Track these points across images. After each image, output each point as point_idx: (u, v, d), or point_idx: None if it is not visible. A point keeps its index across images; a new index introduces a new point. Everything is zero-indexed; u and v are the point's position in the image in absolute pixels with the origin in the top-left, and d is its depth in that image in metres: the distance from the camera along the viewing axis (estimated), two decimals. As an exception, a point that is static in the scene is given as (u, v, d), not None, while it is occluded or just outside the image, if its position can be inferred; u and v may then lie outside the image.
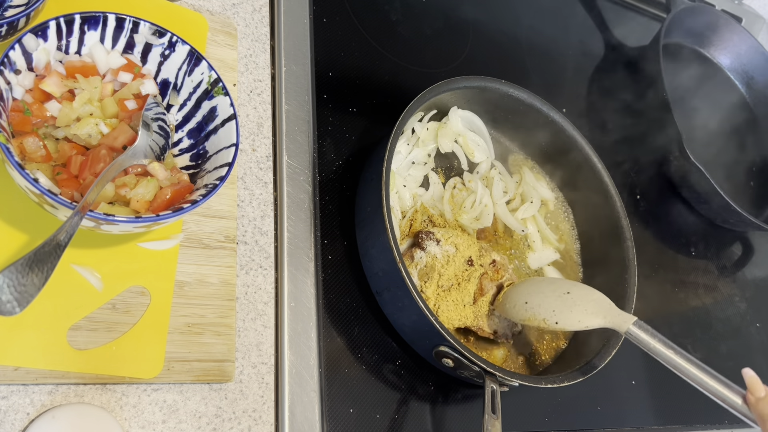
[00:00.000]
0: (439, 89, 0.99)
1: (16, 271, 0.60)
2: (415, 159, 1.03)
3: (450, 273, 0.93)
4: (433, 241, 0.93)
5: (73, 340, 0.69)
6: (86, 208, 0.64)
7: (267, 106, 0.96)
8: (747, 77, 1.59)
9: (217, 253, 0.81)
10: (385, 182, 0.86)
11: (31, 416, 0.67)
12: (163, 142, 0.77)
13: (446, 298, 0.92)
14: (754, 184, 1.49)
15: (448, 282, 0.93)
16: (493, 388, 0.82)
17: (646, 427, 1.11)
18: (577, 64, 1.40)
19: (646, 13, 1.62)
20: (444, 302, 0.92)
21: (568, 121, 1.11)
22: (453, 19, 1.27)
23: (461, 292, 0.93)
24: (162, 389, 0.74)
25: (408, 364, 0.92)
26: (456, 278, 0.94)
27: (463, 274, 0.94)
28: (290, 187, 0.91)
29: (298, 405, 0.80)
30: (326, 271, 0.91)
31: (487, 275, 0.96)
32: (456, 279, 0.94)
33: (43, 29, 0.71)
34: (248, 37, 0.98)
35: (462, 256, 0.94)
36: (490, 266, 0.97)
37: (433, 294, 0.92)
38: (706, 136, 1.40)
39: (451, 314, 0.92)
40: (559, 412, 1.01)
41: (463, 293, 0.94)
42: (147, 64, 0.80)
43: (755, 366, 0.89)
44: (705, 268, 1.36)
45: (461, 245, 0.95)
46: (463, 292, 0.94)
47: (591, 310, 0.88)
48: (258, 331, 0.83)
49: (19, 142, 0.69)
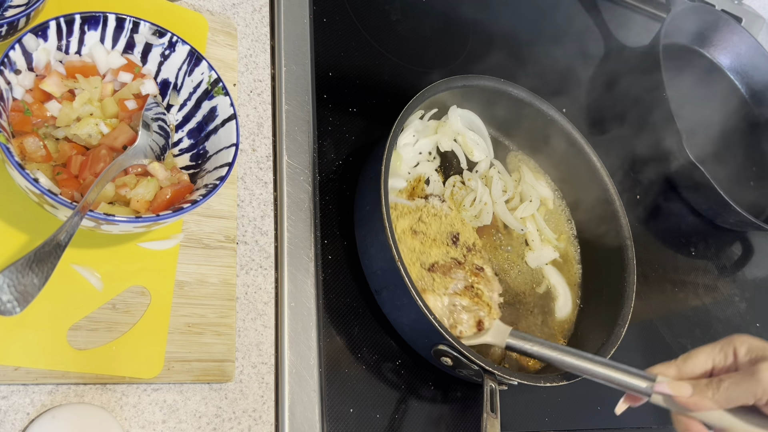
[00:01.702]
0: (437, 88, 0.99)
1: (16, 271, 0.60)
2: (421, 149, 1.04)
3: (432, 228, 0.91)
4: (438, 198, 0.93)
5: (73, 340, 0.69)
6: (86, 208, 0.64)
7: (267, 106, 0.96)
8: (747, 77, 1.59)
9: (217, 253, 0.81)
10: (384, 181, 0.86)
11: (31, 416, 0.67)
12: (163, 142, 0.77)
13: (411, 248, 0.91)
14: (754, 184, 1.49)
15: (421, 245, 0.91)
16: (492, 386, 0.82)
17: (646, 427, 1.11)
18: (577, 64, 1.40)
19: (646, 13, 1.62)
20: (409, 250, 0.90)
21: (568, 121, 1.12)
22: (453, 19, 1.27)
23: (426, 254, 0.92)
24: (162, 389, 0.74)
25: (408, 364, 0.92)
26: (431, 243, 0.92)
27: (441, 246, 0.92)
28: (290, 187, 0.91)
29: (298, 405, 0.80)
30: (326, 270, 0.91)
31: (468, 284, 0.92)
32: (430, 244, 0.92)
33: (43, 29, 0.71)
34: (248, 37, 0.98)
35: (451, 224, 0.93)
36: (473, 267, 0.94)
37: (403, 234, 0.90)
38: (706, 136, 1.39)
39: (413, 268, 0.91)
40: (559, 412, 1.01)
41: (426, 255, 0.92)
42: (147, 64, 0.80)
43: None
44: (705, 268, 1.36)
45: (457, 222, 0.94)
46: (428, 254, 0.92)
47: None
48: (258, 331, 0.83)
49: (19, 142, 0.69)
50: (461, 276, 0.91)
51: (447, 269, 0.92)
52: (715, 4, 1.65)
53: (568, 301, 1.07)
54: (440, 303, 0.88)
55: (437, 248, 0.92)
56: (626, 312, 1.00)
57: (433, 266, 0.91)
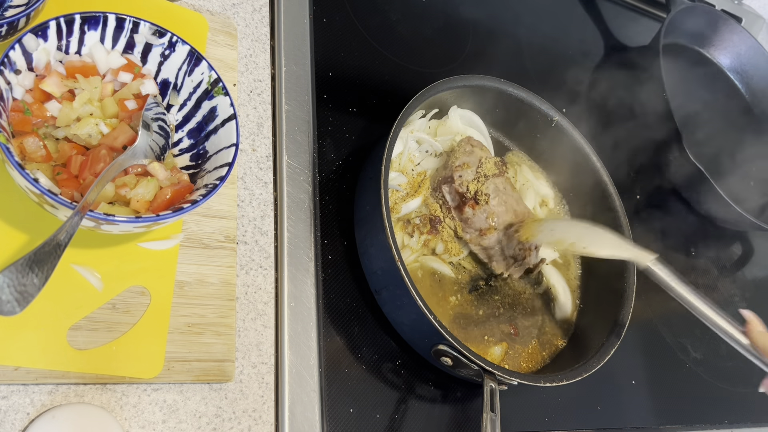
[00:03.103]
0: (437, 88, 0.99)
1: (16, 271, 0.60)
2: (424, 149, 1.05)
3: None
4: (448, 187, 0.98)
5: (73, 340, 0.69)
6: (86, 208, 0.64)
7: (267, 106, 0.96)
8: (747, 77, 1.59)
9: (217, 253, 0.81)
10: (384, 181, 0.86)
11: (31, 416, 0.67)
12: (163, 142, 0.77)
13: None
14: (754, 184, 1.49)
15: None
16: (491, 386, 0.82)
17: (646, 427, 1.11)
18: (577, 64, 1.40)
19: (646, 13, 1.62)
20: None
21: (567, 121, 1.12)
22: (453, 19, 1.27)
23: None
24: (162, 389, 0.74)
25: (408, 364, 0.92)
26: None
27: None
28: (290, 187, 0.91)
29: (298, 405, 0.80)
30: (326, 270, 0.91)
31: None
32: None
33: (43, 29, 0.71)
34: (248, 37, 0.98)
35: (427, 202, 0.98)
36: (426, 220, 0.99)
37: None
38: (706, 136, 1.39)
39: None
40: (559, 412, 1.01)
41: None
42: (147, 64, 0.80)
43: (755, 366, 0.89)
44: (705, 268, 1.36)
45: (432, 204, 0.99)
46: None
47: (617, 243, 0.98)
48: (258, 331, 0.83)
49: (19, 142, 0.69)
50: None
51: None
52: (715, 4, 1.65)
53: (568, 301, 1.07)
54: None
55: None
56: (626, 312, 1.00)
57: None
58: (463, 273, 1.01)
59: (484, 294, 1.01)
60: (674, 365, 1.21)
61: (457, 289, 0.99)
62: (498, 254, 1.00)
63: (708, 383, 1.22)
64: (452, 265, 1.00)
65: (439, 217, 0.97)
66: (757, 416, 1.24)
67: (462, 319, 0.97)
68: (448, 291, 0.98)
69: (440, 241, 0.98)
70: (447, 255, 0.99)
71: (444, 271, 0.98)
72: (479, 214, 0.97)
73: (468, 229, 0.99)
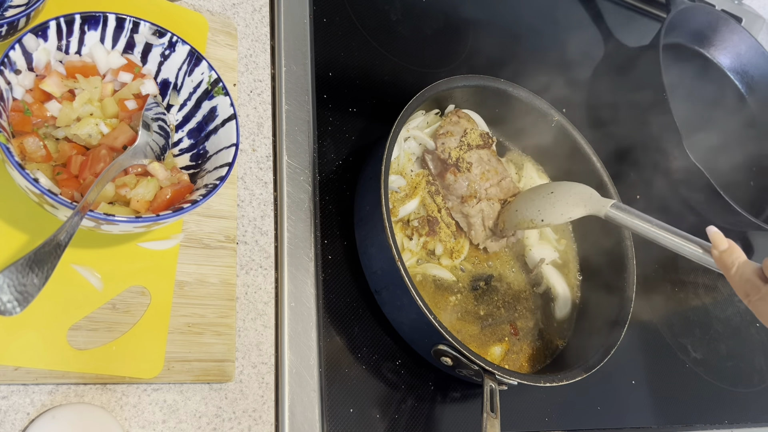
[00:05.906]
0: (437, 88, 0.99)
1: (16, 271, 0.60)
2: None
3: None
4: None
5: (73, 340, 0.69)
6: (86, 208, 0.64)
7: (267, 106, 0.96)
8: (747, 77, 1.59)
9: (217, 253, 0.81)
10: (384, 181, 0.86)
11: (31, 416, 0.67)
12: (163, 142, 0.77)
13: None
14: (754, 184, 1.49)
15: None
16: (491, 386, 0.82)
17: (646, 427, 1.11)
18: (577, 64, 1.40)
19: (646, 13, 1.62)
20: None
21: (567, 121, 1.12)
22: (453, 18, 1.27)
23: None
24: (162, 389, 0.74)
25: (408, 364, 0.92)
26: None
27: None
28: (290, 187, 0.91)
29: (298, 405, 0.80)
30: (326, 270, 0.91)
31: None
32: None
33: (44, 29, 0.71)
34: (248, 37, 0.98)
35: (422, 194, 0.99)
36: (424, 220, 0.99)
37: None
38: (706, 136, 1.39)
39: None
40: (559, 412, 1.01)
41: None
42: (147, 64, 0.80)
43: (755, 366, 0.89)
44: (705, 268, 1.36)
45: (427, 197, 0.99)
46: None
47: (572, 201, 0.94)
48: (258, 331, 0.83)
49: (19, 142, 0.69)
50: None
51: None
52: (715, 4, 1.65)
53: (567, 301, 1.07)
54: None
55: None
56: (626, 312, 1.00)
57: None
58: (463, 274, 1.01)
59: (484, 294, 1.01)
60: (674, 365, 1.21)
61: (457, 290, 0.99)
62: (479, 224, 1.00)
63: (708, 383, 1.22)
64: (452, 269, 1.00)
65: (436, 218, 0.97)
66: (757, 416, 1.24)
67: (462, 318, 0.97)
68: (448, 291, 0.98)
69: (438, 242, 0.98)
70: (446, 258, 0.99)
71: (444, 276, 0.98)
72: (461, 180, 0.98)
73: (450, 196, 1.00)
